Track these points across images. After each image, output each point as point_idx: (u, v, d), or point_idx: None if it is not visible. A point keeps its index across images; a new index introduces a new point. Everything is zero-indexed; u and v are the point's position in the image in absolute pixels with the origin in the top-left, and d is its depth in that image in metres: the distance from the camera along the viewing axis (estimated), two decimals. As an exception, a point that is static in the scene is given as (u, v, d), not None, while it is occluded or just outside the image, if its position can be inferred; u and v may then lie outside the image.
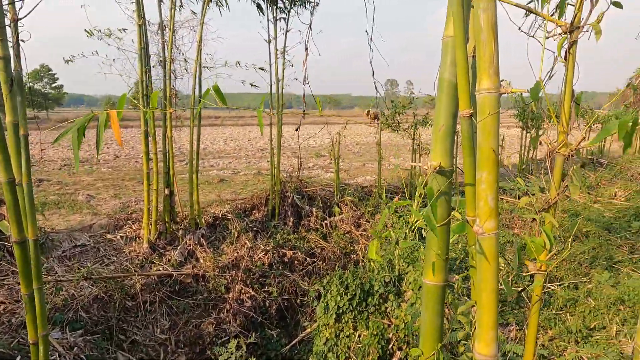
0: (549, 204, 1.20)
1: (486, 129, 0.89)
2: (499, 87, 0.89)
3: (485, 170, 0.90)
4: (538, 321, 1.34)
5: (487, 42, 0.87)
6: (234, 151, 18.83)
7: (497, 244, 0.92)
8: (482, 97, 0.89)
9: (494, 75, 0.88)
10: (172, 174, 5.50)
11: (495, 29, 0.88)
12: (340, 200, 6.84)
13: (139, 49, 4.99)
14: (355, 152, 18.44)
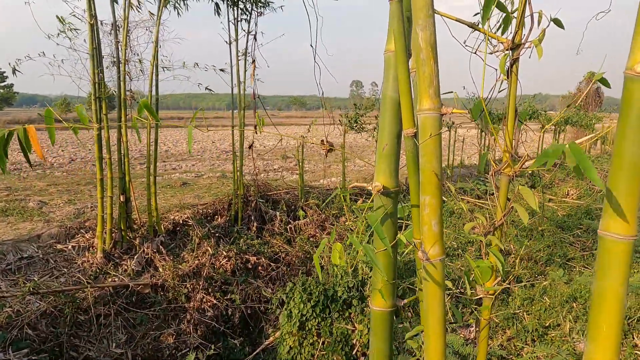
0: (495, 226, 1.19)
1: (428, 151, 0.86)
2: (440, 108, 0.87)
3: (428, 194, 0.87)
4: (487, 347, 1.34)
5: (426, 61, 0.84)
6: (198, 153, 18.43)
7: (443, 270, 0.90)
8: (423, 117, 0.87)
9: (435, 95, 0.85)
10: (128, 179, 5.27)
11: (434, 47, 0.85)
12: (305, 203, 6.79)
13: (91, 49, 4.75)
14: (321, 154, 18.45)
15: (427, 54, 0.83)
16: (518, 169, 1.05)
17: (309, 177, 12.33)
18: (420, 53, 0.84)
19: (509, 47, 1.09)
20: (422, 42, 0.83)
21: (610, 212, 0.83)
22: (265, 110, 6.53)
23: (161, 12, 5.16)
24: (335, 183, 11.57)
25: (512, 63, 1.09)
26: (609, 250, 0.83)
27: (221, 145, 22.16)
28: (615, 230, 0.82)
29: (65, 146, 20.43)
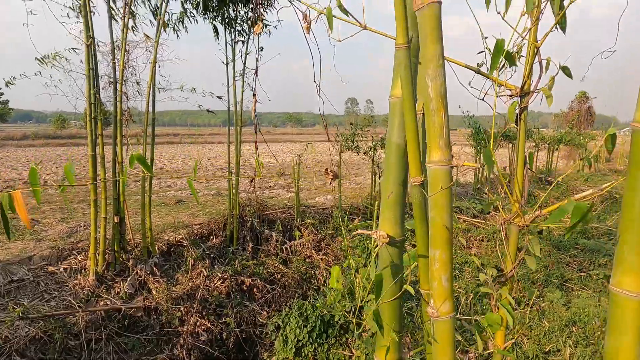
0: (506, 278, 1.17)
1: (438, 203, 0.85)
2: (451, 160, 0.85)
3: (438, 249, 0.85)
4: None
5: (436, 112, 0.83)
6: (192, 170, 18.36)
7: (453, 328, 0.87)
8: (433, 170, 0.85)
9: (445, 147, 0.84)
10: (123, 199, 5.21)
11: (444, 98, 0.84)
12: (301, 223, 6.75)
13: (87, 70, 4.74)
14: (317, 171, 18.45)
15: (437, 104, 0.82)
16: (529, 221, 1.03)
17: (304, 195, 12.29)
18: (430, 103, 0.83)
19: (517, 94, 1.08)
20: (432, 93, 0.82)
21: (622, 267, 0.80)
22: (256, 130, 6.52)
23: (159, 33, 5.19)
24: (331, 201, 11.54)
25: (521, 111, 1.08)
26: (622, 307, 0.80)
27: (216, 162, 22.11)
28: (629, 287, 0.79)
29: (59, 163, 20.29)
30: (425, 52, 0.83)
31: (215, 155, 26.11)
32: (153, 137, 5.60)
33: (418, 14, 0.85)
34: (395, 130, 1.10)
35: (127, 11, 5.23)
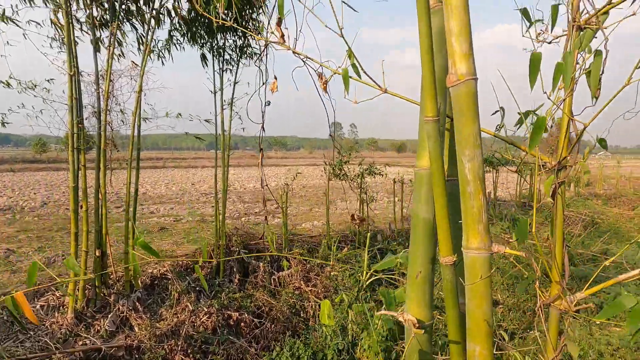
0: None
1: (477, 294, 0.79)
2: (491, 246, 0.80)
3: (478, 344, 0.78)
4: None
5: (474, 195, 0.78)
6: (177, 196, 18.06)
7: None
8: (471, 257, 0.80)
9: (484, 232, 0.79)
10: (105, 232, 5.03)
11: (483, 180, 0.80)
12: (289, 253, 6.62)
13: (70, 101, 4.63)
14: (302, 196, 18.37)
15: (475, 187, 0.78)
16: (573, 308, 0.97)
17: (291, 221, 12.15)
18: (467, 186, 0.78)
19: (554, 167, 1.05)
20: (470, 174, 0.77)
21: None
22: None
23: (145, 62, 5.13)
24: (318, 227, 11.42)
25: (558, 185, 1.05)
26: None
27: (201, 187, 21.84)
28: None
29: (38, 188, 19.76)
30: (461, 131, 0.79)
31: (200, 180, 25.83)
32: (138, 166, 5.47)
33: (452, 91, 0.82)
34: (423, 204, 1.05)
35: (112, 40, 5.18)
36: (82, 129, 4.72)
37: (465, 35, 0.79)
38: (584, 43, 0.96)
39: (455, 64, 0.80)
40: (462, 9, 0.77)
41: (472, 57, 0.80)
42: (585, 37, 0.97)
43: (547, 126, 1.22)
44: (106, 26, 5.25)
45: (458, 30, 0.78)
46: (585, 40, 0.96)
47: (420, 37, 0.78)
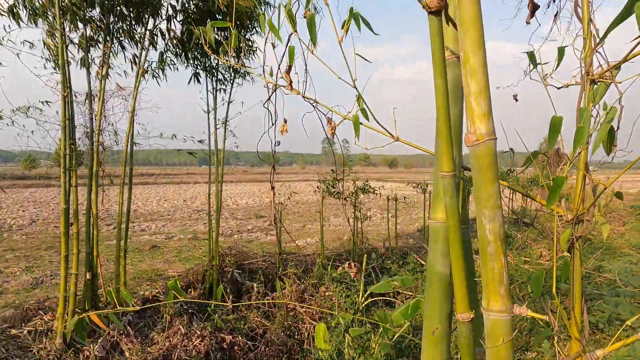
0: None
1: (499, 356, 0.77)
2: (512, 309, 0.78)
3: None
4: None
5: (495, 256, 0.77)
6: (168, 213, 17.88)
7: None
8: (492, 320, 0.78)
9: (506, 295, 0.78)
10: (96, 254, 4.94)
11: (503, 241, 0.79)
12: (283, 273, 6.55)
13: (63, 121, 4.60)
14: (296, 212, 18.30)
15: (496, 248, 0.77)
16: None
17: (284, 237, 12.07)
18: (487, 246, 0.77)
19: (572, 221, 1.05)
20: (490, 235, 0.77)
21: None
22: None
23: (139, 83, 5.12)
24: (312, 244, 11.35)
25: (576, 239, 1.04)
26: None
27: (193, 203, 21.67)
28: None
29: (26, 206, 19.46)
30: (481, 191, 0.78)
31: (192, 196, 25.65)
32: (130, 185, 5.42)
33: (471, 150, 0.82)
34: (440, 258, 1.03)
35: (106, 60, 5.18)
36: (75, 150, 4.67)
37: (485, 95, 0.79)
38: (597, 97, 0.97)
39: (474, 123, 0.80)
40: (481, 70, 0.78)
41: (492, 117, 0.81)
42: (599, 91, 0.98)
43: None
44: (99, 46, 5.25)
45: (477, 90, 0.78)
46: (599, 95, 0.97)
47: (437, 93, 0.78)
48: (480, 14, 0.76)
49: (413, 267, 7.89)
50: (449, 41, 0.98)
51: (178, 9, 5.57)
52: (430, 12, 0.76)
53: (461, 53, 0.78)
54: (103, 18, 5.14)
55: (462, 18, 0.76)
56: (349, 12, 1.01)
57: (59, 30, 4.62)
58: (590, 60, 1.00)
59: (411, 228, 14.00)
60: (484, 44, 0.77)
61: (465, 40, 0.77)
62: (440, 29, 0.77)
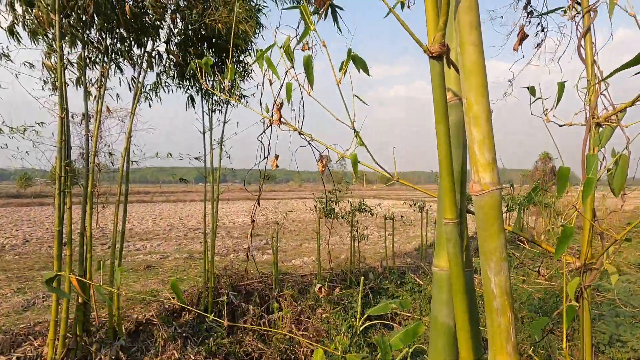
0: None
1: None
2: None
3: None
4: None
5: (502, 312, 0.75)
6: (164, 232, 17.73)
7: None
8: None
9: (513, 352, 0.75)
10: (89, 277, 4.85)
11: (510, 295, 0.76)
12: (279, 294, 6.45)
13: (59, 142, 4.57)
14: (292, 231, 18.18)
15: (502, 303, 0.74)
16: None
17: (280, 257, 11.95)
18: (493, 300, 0.75)
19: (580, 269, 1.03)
20: (496, 289, 0.74)
21: None
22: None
23: (136, 105, 5.13)
24: (308, 263, 11.24)
25: (585, 289, 1.02)
26: None
27: (189, 222, 21.52)
28: None
29: (20, 225, 19.26)
30: (486, 243, 0.76)
31: (188, 215, 25.48)
32: (125, 206, 5.36)
33: (476, 200, 0.80)
34: (444, 308, 1.00)
35: (104, 82, 5.19)
36: (70, 172, 4.64)
37: (489, 144, 0.78)
38: (603, 140, 0.96)
39: (478, 173, 0.78)
40: (484, 117, 0.77)
41: (496, 166, 0.79)
42: (604, 134, 0.97)
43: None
44: (97, 67, 5.27)
45: (481, 139, 0.77)
46: (605, 138, 0.96)
47: (438, 140, 0.76)
48: (483, 60, 0.75)
49: (411, 288, 7.81)
50: (451, 82, 0.97)
51: (176, 32, 5.62)
52: (432, 56, 0.75)
53: (464, 99, 0.77)
54: (102, 40, 5.17)
55: (465, 65, 0.75)
56: (347, 54, 1.00)
57: (58, 52, 4.64)
58: (595, 103, 1.00)
59: (409, 246, 13.92)
60: (487, 91, 0.76)
61: (468, 87, 0.76)
62: (442, 74, 0.76)
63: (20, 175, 41.28)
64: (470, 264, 1.03)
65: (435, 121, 0.76)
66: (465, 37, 0.76)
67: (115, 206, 5.25)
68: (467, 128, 0.79)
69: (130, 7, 4.58)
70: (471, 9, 0.76)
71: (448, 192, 0.79)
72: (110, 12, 4.90)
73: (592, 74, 1.02)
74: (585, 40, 1.04)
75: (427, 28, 0.75)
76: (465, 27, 0.76)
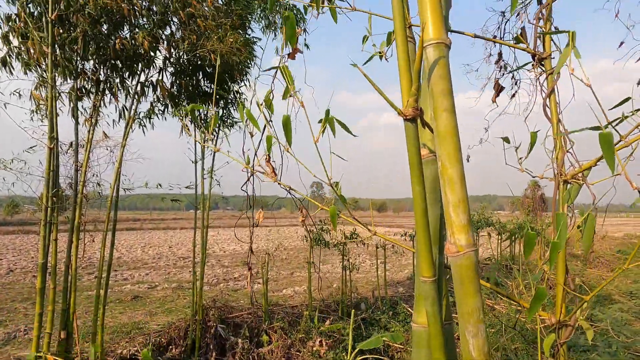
0: None
1: None
2: None
3: None
4: None
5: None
6: (153, 260, 17.43)
7: None
8: None
9: None
10: (72, 311, 4.72)
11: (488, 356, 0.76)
12: (269, 327, 6.32)
13: (47, 173, 4.53)
14: (284, 259, 17.99)
15: None
16: None
17: (271, 286, 11.77)
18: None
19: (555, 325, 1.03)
20: (475, 351, 0.75)
21: None
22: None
23: (127, 135, 5.13)
24: (300, 293, 11.06)
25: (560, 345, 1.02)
26: None
27: (179, 250, 21.21)
28: None
29: (4, 253, 18.83)
30: (463, 305, 0.77)
31: (178, 243, 25.14)
32: (113, 238, 5.29)
33: (452, 261, 0.81)
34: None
35: (95, 112, 5.20)
36: (57, 203, 4.58)
37: (464, 207, 0.79)
38: (572, 196, 0.99)
39: (454, 235, 0.80)
40: (459, 181, 0.78)
41: (471, 228, 0.80)
42: (572, 191, 1.00)
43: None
44: (89, 97, 5.29)
45: (455, 202, 0.78)
46: (573, 194, 0.99)
47: (415, 200, 0.77)
48: (456, 126, 0.77)
49: (404, 318, 7.70)
50: (426, 139, 1.00)
51: (171, 61, 5.69)
52: (406, 119, 0.77)
53: (439, 162, 0.79)
54: (95, 70, 5.22)
55: (439, 130, 0.77)
56: (325, 114, 1.03)
57: (50, 84, 4.66)
58: (562, 162, 1.02)
59: (401, 275, 13.81)
60: (461, 155, 0.78)
61: (442, 151, 0.77)
62: (416, 135, 0.78)
63: (7, 202, 40.66)
64: (449, 317, 1.02)
65: (411, 182, 0.77)
66: (439, 103, 0.79)
67: (103, 235, 5.18)
68: (442, 190, 0.80)
69: (122, 41, 4.65)
70: (443, 78, 0.79)
71: (424, 251, 0.80)
72: (102, 44, 4.97)
73: (558, 132, 1.05)
74: (550, 100, 1.08)
75: (401, 92, 0.78)
76: (438, 94, 0.79)
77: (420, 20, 0.81)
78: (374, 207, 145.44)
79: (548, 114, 1.09)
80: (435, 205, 0.99)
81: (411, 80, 0.75)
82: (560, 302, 1.00)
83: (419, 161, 0.77)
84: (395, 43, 0.77)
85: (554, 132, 1.06)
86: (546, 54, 1.09)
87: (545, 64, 1.13)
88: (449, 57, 0.80)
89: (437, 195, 1.00)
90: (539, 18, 1.13)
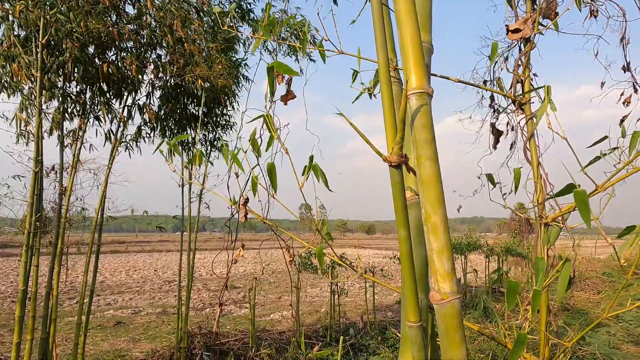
0: None
1: None
2: None
3: None
4: None
5: None
6: (137, 284, 17.04)
7: None
8: None
9: None
10: (52, 341, 4.57)
11: None
12: (256, 354, 6.18)
13: (31, 197, 4.45)
14: (271, 282, 17.74)
15: None
16: None
17: (259, 311, 11.55)
18: None
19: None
20: None
21: None
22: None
23: (113, 159, 5.09)
24: (288, 318, 10.88)
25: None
26: None
27: (164, 273, 20.79)
28: None
29: (-17, 278, 18.24)
30: (448, 354, 0.77)
31: (163, 266, 24.67)
32: (96, 263, 5.18)
33: (437, 308, 0.82)
34: None
35: (81, 136, 5.16)
36: (40, 228, 4.49)
37: (447, 253, 0.81)
38: (552, 238, 1.01)
39: (438, 282, 0.81)
40: (442, 227, 0.80)
41: (455, 276, 0.81)
42: (552, 233, 1.02)
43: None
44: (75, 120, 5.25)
45: (439, 248, 0.80)
46: (553, 236, 1.01)
47: (400, 244, 0.79)
48: (439, 173, 0.79)
49: (393, 344, 7.60)
50: (410, 182, 1.02)
51: (159, 85, 5.71)
52: (391, 165, 0.79)
53: (422, 209, 0.80)
54: (81, 93, 5.20)
55: (422, 178, 0.79)
56: (309, 161, 1.05)
57: (37, 107, 4.63)
58: (542, 205, 1.05)
59: (390, 299, 13.71)
60: (444, 203, 0.80)
61: (426, 198, 0.79)
62: (401, 181, 0.79)
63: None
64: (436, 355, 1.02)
65: (397, 227, 0.78)
66: (421, 152, 0.81)
67: (87, 259, 5.07)
68: (426, 237, 0.82)
69: (109, 66, 4.66)
70: (425, 127, 0.81)
71: (410, 296, 0.80)
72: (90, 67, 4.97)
73: (538, 175, 1.08)
74: (530, 144, 1.11)
75: (386, 140, 0.80)
76: (421, 143, 0.81)
77: (404, 70, 0.84)
78: (363, 229, 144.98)
79: (528, 157, 1.12)
80: (421, 247, 1.00)
81: (396, 129, 0.78)
82: (542, 346, 1.01)
83: (404, 206, 0.79)
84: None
85: (534, 175, 1.09)
86: (525, 99, 1.14)
87: (524, 109, 1.17)
88: (431, 105, 0.83)
89: (422, 238, 1.01)
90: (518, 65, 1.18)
